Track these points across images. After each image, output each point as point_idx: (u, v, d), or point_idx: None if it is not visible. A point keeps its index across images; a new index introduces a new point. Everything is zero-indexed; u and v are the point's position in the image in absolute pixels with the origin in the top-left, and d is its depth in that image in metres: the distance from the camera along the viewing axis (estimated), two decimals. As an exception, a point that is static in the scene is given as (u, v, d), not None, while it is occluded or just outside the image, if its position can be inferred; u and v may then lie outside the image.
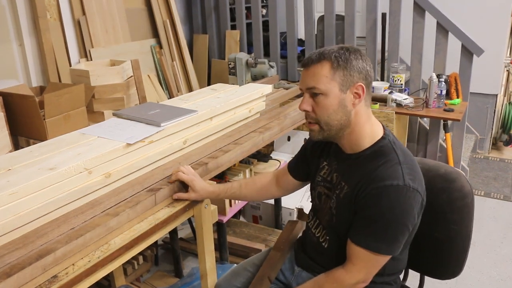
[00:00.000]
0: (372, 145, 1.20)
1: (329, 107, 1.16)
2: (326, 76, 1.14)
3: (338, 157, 1.28)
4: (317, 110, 1.18)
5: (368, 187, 1.13)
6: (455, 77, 3.01)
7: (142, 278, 2.37)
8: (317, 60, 1.16)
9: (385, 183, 1.11)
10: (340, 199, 1.22)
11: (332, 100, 1.15)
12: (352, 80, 1.15)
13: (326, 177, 1.32)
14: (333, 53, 1.15)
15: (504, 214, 2.97)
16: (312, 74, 1.16)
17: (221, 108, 1.85)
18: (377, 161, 1.16)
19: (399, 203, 1.11)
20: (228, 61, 3.32)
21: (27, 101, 2.07)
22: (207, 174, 1.66)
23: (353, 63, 1.15)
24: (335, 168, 1.28)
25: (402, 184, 1.10)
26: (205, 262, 1.58)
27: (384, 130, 1.23)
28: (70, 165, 1.27)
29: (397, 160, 1.15)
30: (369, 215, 1.14)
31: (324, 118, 1.18)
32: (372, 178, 1.13)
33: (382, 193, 1.11)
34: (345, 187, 1.21)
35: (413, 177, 1.14)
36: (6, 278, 0.99)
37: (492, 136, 4.01)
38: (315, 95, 1.16)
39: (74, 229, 1.20)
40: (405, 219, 1.12)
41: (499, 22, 3.60)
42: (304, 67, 1.19)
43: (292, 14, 3.57)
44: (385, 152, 1.17)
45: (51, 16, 2.87)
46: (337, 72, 1.14)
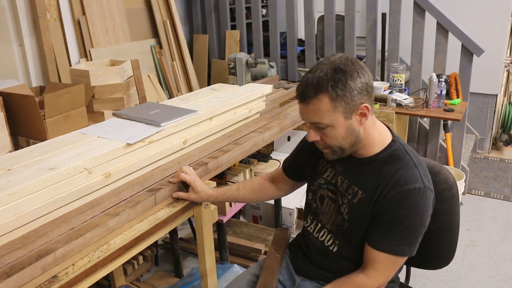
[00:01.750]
0: (384, 149, 1.19)
1: (338, 136, 1.14)
2: (327, 110, 1.10)
3: (345, 161, 1.24)
4: (326, 139, 1.16)
5: (391, 192, 1.13)
6: (455, 77, 3.01)
7: (142, 278, 2.37)
8: (314, 95, 1.10)
9: (408, 187, 1.12)
10: (354, 205, 1.20)
11: (340, 129, 1.13)
12: (355, 104, 1.11)
13: (330, 180, 1.29)
14: (328, 83, 1.08)
15: (504, 214, 2.97)
16: (312, 111, 1.12)
17: (221, 108, 1.85)
18: (394, 165, 1.16)
19: (421, 205, 1.13)
20: (228, 61, 3.32)
21: (27, 101, 2.07)
22: (207, 174, 1.66)
23: (352, 86, 1.09)
24: (340, 171, 1.26)
25: (423, 187, 1.13)
26: (205, 262, 1.58)
27: (391, 132, 1.23)
28: (70, 165, 1.27)
29: (413, 163, 1.16)
30: (392, 219, 1.14)
31: (335, 144, 1.16)
32: (394, 182, 1.13)
33: (407, 197, 1.12)
34: (359, 192, 1.19)
35: (428, 178, 1.17)
36: (6, 278, 0.99)
37: (492, 136, 4.01)
38: (320, 128, 1.14)
39: (74, 229, 1.20)
40: (425, 219, 1.16)
41: (499, 22, 3.60)
42: (301, 102, 1.13)
43: (292, 14, 3.57)
44: (400, 156, 1.18)
45: (51, 16, 2.87)
46: (338, 103, 1.09)
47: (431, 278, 2.32)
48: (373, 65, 3.34)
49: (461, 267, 2.44)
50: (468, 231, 2.76)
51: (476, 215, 2.96)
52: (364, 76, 1.11)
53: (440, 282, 2.33)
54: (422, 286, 2.30)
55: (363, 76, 1.11)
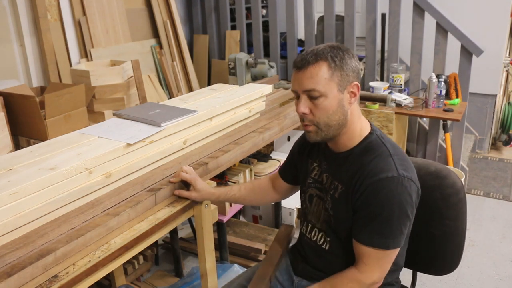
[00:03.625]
0: (361, 142, 1.20)
1: (329, 108, 1.14)
2: (325, 77, 1.12)
3: (328, 157, 1.27)
4: (316, 112, 1.15)
5: (363, 184, 1.13)
6: (454, 77, 3.02)
7: (142, 277, 2.38)
8: (313, 61, 1.13)
9: (380, 176, 1.11)
10: (335, 199, 1.22)
11: (332, 101, 1.14)
12: (348, 79, 1.15)
13: (317, 178, 1.31)
14: (328, 53, 1.13)
15: (504, 213, 2.98)
16: (309, 76, 1.13)
17: (221, 108, 1.86)
18: (368, 156, 1.16)
19: (397, 194, 1.11)
20: (228, 61, 3.33)
21: (27, 101, 2.08)
22: (207, 174, 1.66)
23: (348, 62, 1.15)
24: (325, 169, 1.28)
25: (397, 175, 1.11)
26: (205, 261, 1.59)
27: (370, 125, 1.24)
28: (70, 165, 1.27)
29: (388, 153, 1.15)
30: (369, 211, 1.13)
31: (324, 119, 1.15)
32: (366, 173, 1.13)
33: (379, 187, 1.11)
34: (339, 186, 1.21)
35: (405, 167, 1.14)
36: (6, 277, 1.00)
37: (492, 136, 4.01)
38: (313, 97, 1.14)
39: (74, 229, 1.20)
40: (405, 208, 1.12)
41: (499, 22, 3.60)
42: (299, 68, 1.15)
43: (292, 14, 3.57)
44: (375, 146, 1.18)
45: (51, 17, 2.88)
46: (335, 73, 1.13)
47: (430, 278, 2.33)
48: (372, 65, 3.35)
49: (460, 266, 2.42)
50: (468, 231, 2.76)
51: (475, 215, 2.96)
52: (356, 60, 1.17)
53: (440, 282, 2.33)
54: (422, 285, 2.31)
55: (357, 61, 1.17)
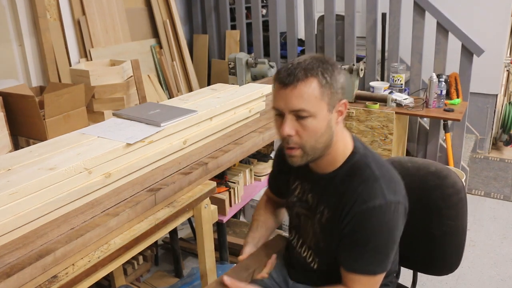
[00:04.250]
0: (344, 162, 1.12)
1: (317, 130, 1.04)
2: (315, 96, 1.01)
3: (310, 178, 1.19)
4: (303, 134, 1.04)
5: (351, 211, 1.06)
6: (455, 77, 3.01)
7: (142, 278, 2.37)
8: (303, 77, 1.01)
9: (368, 205, 1.04)
10: (323, 225, 1.15)
11: (321, 122, 1.04)
12: (338, 97, 1.06)
13: (301, 197, 1.23)
14: (318, 68, 1.03)
15: (504, 214, 2.97)
16: (298, 94, 1.01)
17: (221, 108, 1.85)
18: (354, 180, 1.08)
19: (386, 222, 1.05)
20: (228, 61, 3.32)
21: (27, 101, 2.08)
22: (207, 174, 1.66)
23: (337, 78, 1.05)
24: (309, 189, 1.20)
25: (385, 203, 1.04)
26: (205, 262, 1.59)
27: (353, 141, 1.15)
28: (70, 165, 1.27)
29: (374, 177, 1.07)
30: (357, 239, 1.07)
31: (311, 142, 1.05)
32: (353, 200, 1.06)
33: (367, 216, 1.05)
34: (325, 211, 1.14)
35: (393, 190, 1.07)
36: (6, 278, 1.00)
37: (492, 136, 4.01)
38: (301, 117, 1.03)
39: (74, 229, 1.20)
40: (393, 235, 1.08)
41: (499, 22, 3.60)
42: (286, 85, 1.02)
43: (292, 14, 3.57)
44: (360, 169, 1.10)
45: (51, 16, 2.87)
46: (325, 91, 1.03)
47: (430, 278, 2.32)
48: (373, 65, 3.34)
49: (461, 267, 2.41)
50: (468, 231, 2.75)
51: (476, 215, 2.96)
52: (343, 74, 1.09)
53: (440, 282, 2.33)
54: (422, 286, 2.30)
55: (343, 75, 1.09)
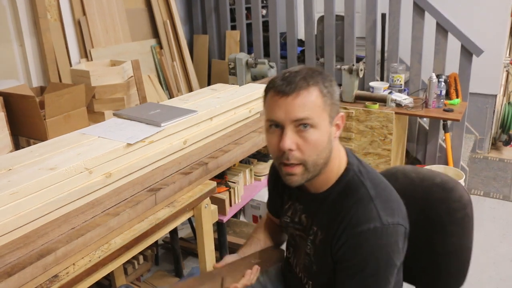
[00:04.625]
0: (338, 180, 1.05)
1: (320, 143, 0.96)
2: (318, 105, 0.95)
3: (302, 198, 1.13)
4: (305, 147, 0.96)
5: (344, 234, 0.98)
6: (454, 77, 3.02)
7: (142, 277, 2.38)
8: (305, 86, 0.95)
9: (362, 228, 0.96)
10: (317, 246, 1.07)
11: (323, 134, 0.97)
12: (337, 110, 1.01)
13: (294, 218, 1.16)
14: (318, 77, 0.97)
15: (504, 214, 2.97)
16: (301, 103, 0.94)
17: (221, 108, 1.86)
18: (347, 201, 1.01)
19: (382, 246, 0.97)
20: (228, 61, 3.33)
21: (27, 101, 2.08)
22: (207, 174, 1.66)
23: (335, 90, 1.00)
24: (301, 209, 1.14)
25: (380, 225, 0.96)
26: (205, 261, 1.59)
27: (346, 156, 1.07)
28: (70, 165, 1.27)
29: (369, 196, 1.00)
30: (352, 265, 0.99)
31: (313, 157, 0.97)
32: (346, 222, 0.98)
33: (361, 240, 0.96)
34: (319, 232, 1.07)
35: (390, 210, 0.99)
36: (7, 277, 1.00)
37: (492, 136, 4.01)
38: (303, 129, 0.95)
39: (74, 229, 1.20)
40: (392, 259, 0.98)
41: (499, 22, 3.60)
42: (286, 94, 0.95)
43: (292, 14, 3.57)
44: (353, 188, 1.02)
45: (51, 17, 2.88)
46: (327, 101, 0.97)
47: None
48: (372, 65, 3.35)
49: (460, 267, 2.44)
50: (468, 231, 2.77)
51: (475, 215, 2.94)
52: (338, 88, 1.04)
53: (440, 282, 2.33)
54: None
55: (338, 87, 1.04)
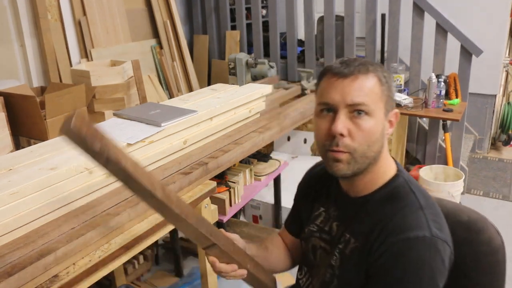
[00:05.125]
0: (383, 186, 0.95)
1: (373, 132, 0.90)
2: (376, 93, 0.90)
3: (339, 202, 1.02)
4: (356, 135, 0.89)
5: (386, 242, 0.88)
6: (454, 77, 3.02)
7: (142, 277, 2.38)
8: (364, 71, 0.90)
9: (408, 235, 0.86)
10: (345, 256, 0.95)
11: (378, 124, 0.91)
12: (392, 104, 0.95)
13: (323, 227, 1.05)
14: (377, 66, 0.93)
15: (503, 213, 2.98)
16: (358, 87, 0.89)
17: (221, 108, 1.86)
18: (393, 206, 0.92)
19: (428, 259, 0.85)
20: (228, 61, 3.33)
21: (28, 101, 2.08)
22: (207, 174, 1.67)
23: (393, 84, 0.95)
24: (334, 216, 1.03)
25: (429, 235, 0.86)
26: (205, 261, 1.59)
27: (396, 165, 1.00)
28: (70, 165, 1.27)
29: (418, 205, 0.91)
30: (391, 279, 0.87)
31: (363, 147, 0.90)
32: (390, 229, 0.88)
33: (405, 249, 0.86)
34: (351, 240, 0.95)
35: (439, 225, 0.90)
36: (7, 277, 1.00)
37: (491, 136, 4.01)
38: (357, 115, 0.89)
39: (74, 229, 1.20)
40: (436, 278, 0.86)
41: (498, 22, 3.60)
42: (344, 76, 0.90)
43: (292, 14, 3.57)
44: (402, 194, 0.93)
45: (52, 17, 2.88)
46: (384, 92, 0.92)
47: None
48: (372, 66, 3.35)
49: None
50: (467, 231, 2.77)
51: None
52: None
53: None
54: None
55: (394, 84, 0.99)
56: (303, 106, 2.59)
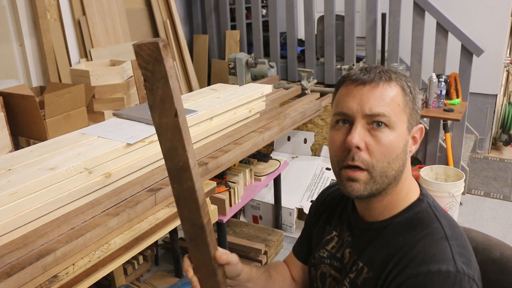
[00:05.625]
0: (404, 210, 0.85)
1: (394, 148, 0.80)
2: (398, 103, 0.81)
3: (354, 227, 0.92)
4: (376, 149, 0.79)
5: (403, 274, 0.77)
6: (455, 77, 3.02)
7: (142, 278, 2.38)
8: (386, 79, 0.82)
9: (430, 268, 0.76)
10: (356, 286, 0.86)
11: (399, 139, 0.81)
12: (416, 118, 0.85)
13: (335, 253, 0.95)
14: (401, 75, 0.84)
15: (504, 214, 2.97)
16: (380, 96, 0.80)
17: (221, 108, 1.85)
18: (414, 234, 0.81)
19: None
20: (228, 61, 3.33)
21: (27, 101, 2.08)
22: (207, 174, 1.66)
23: (418, 96, 0.86)
24: (348, 242, 0.92)
25: (454, 271, 0.75)
26: (205, 262, 1.59)
27: (420, 188, 0.89)
28: (70, 165, 1.27)
29: (443, 234, 0.80)
30: None
31: (383, 163, 0.80)
32: (409, 259, 0.78)
33: (425, 283, 0.75)
34: (364, 269, 0.85)
35: (466, 259, 0.78)
36: (6, 277, 1.00)
37: (492, 136, 4.01)
38: (377, 126, 0.80)
39: (74, 229, 1.20)
40: None
41: (499, 22, 3.60)
42: (363, 83, 0.81)
43: (292, 14, 3.57)
44: (425, 220, 0.83)
45: (51, 16, 2.87)
46: (408, 103, 0.83)
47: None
48: (373, 65, 3.34)
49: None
50: (468, 231, 2.77)
51: (475, 215, 2.96)
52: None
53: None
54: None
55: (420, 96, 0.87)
56: (303, 106, 2.59)
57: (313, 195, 2.74)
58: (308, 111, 2.56)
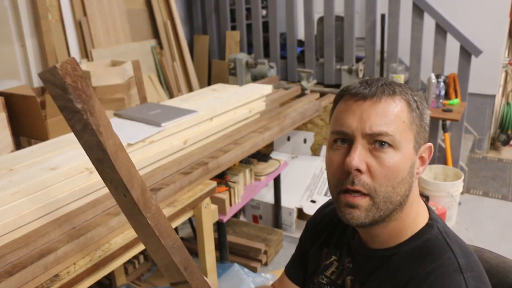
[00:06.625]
0: (412, 237, 0.77)
1: (400, 170, 0.72)
2: (403, 120, 0.72)
3: (355, 253, 0.84)
4: (378, 172, 0.71)
5: None
6: (453, 77, 3.03)
7: (143, 277, 2.39)
8: (389, 92, 0.73)
9: None
10: None
11: (405, 160, 0.72)
12: (425, 136, 0.77)
13: (335, 280, 0.87)
14: (407, 88, 0.76)
15: (502, 213, 2.98)
16: (382, 112, 0.71)
17: (221, 108, 1.87)
18: (424, 265, 0.72)
19: None
20: (228, 61, 3.34)
21: (28, 102, 2.09)
22: (207, 174, 1.67)
23: (426, 112, 0.77)
24: (349, 268, 0.84)
25: None
26: (206, 261, 1.60)
27: (429, 211, 0.81)
28: (71, 165, 1.28)
29: (457, 265, 0.71)
30: None
31: (387, 188, 0.72)
32: None
33: None
34: None
35: None
36: (8, 277, 1.01)
37: (490, 136, 4.02)
38: (379, 146, 0.71)
39: (75, 229, 1.21)
40: None
41: (498, 23, 3.61)
42: (365, 97, 0.73)
43: (292, 15, 3.58)
44: (436, 250, 0.74)
45: (52, 17, 2.88)
46: (414, 120, 0.74)
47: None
48: (372, 66, 3.35)
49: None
50: (467, 231, 2.78)
51: (474, 214, 2.97)
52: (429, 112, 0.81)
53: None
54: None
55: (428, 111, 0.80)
56: (303, 106, 2.60)
57: (313, 195, 2.75)
58: (308, 111, 2.57)
